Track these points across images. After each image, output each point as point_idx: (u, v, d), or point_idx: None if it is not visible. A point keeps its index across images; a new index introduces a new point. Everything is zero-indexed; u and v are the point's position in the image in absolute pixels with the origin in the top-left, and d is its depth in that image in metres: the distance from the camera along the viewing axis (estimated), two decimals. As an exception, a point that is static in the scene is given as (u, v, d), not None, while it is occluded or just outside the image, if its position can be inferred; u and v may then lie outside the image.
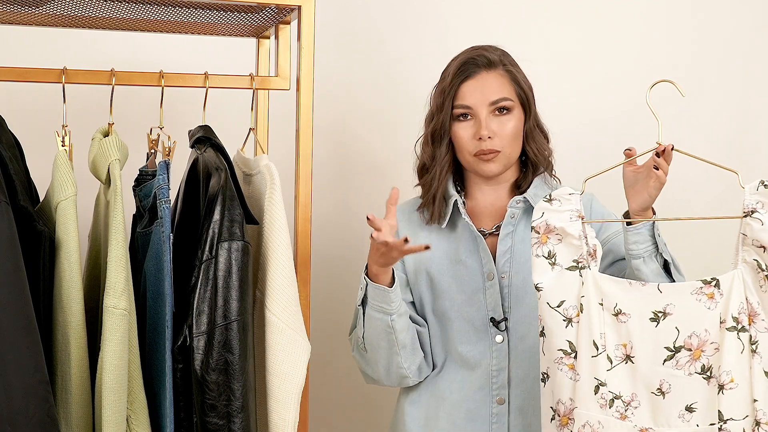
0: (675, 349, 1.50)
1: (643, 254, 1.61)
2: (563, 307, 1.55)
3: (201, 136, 1.69)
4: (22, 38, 2.11)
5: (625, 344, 1.52)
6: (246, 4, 1.72)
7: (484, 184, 1.81)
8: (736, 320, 1.47)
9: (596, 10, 2.68)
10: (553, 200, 1.59)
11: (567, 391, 1.54)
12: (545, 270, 1.56)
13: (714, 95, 2.73)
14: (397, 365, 1.75)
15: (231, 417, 1.52)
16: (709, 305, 1.49)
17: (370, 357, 1.76)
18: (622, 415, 1.52)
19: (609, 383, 1.52)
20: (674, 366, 1.49)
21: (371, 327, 1.71)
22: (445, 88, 1.77)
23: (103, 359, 1.49)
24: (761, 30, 2.77)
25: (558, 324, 1.55)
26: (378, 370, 1.78)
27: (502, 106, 1.74)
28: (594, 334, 1.52)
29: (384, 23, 2.55)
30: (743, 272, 1.49)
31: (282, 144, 2.02)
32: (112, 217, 1.54)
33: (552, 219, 1.57)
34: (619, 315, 1.52)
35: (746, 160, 2.75)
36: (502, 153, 1.75)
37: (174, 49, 2.27)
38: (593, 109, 2.66)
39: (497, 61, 1.77)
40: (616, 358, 1.53)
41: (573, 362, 1.54)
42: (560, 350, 1.54)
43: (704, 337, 1.48)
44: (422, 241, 1.79)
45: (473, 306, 1.76)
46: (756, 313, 1.48)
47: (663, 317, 1.50)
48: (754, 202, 1.50)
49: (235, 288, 1.54)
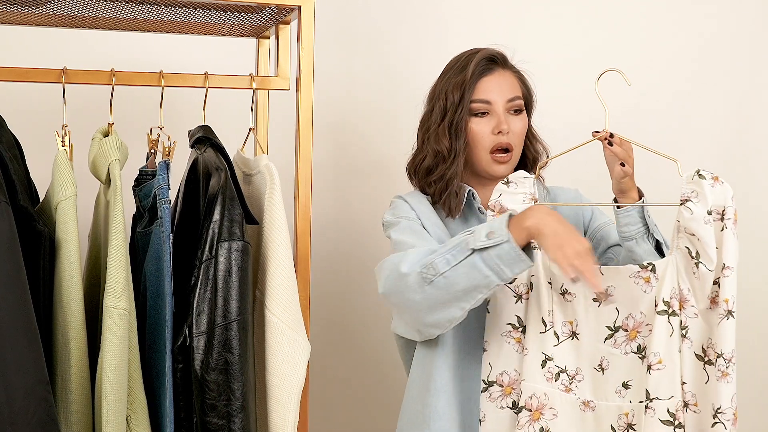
0: (614, 329, 1.57)
1: (635, 235, 1.64)
2: (514, 284, 1.62)
3: (201, 136, 1.69)
4: (22, 38, 2.11)
5: (571, 321, 1.60)
6: (246, 4, 1.72)
7: (488, 183, 1.81)
8: (667, 304, 1.53)
9: (596, 10, 2.68)
10: (510, 182, 1.67)
11: (513, 363, 1.62)
12: None
13: (714, 95, 2.74)
14: (451, 316, 1.57)
15: (231, 417, 1.52)
16: (645, 288, 1.55)
17: (432, 292, 1.54)
18: (567, 387, 1.59)
19: (555, 358, 1.59)
20: (613, 344, 1.57)
21: (468, 276, 1.51)
22: (465, 81, 1.74)
23: (103, 359, 1.49)
24: (762, 30, 2.77)
25: (508, 299, 1.62)
26: (428, 305, 1.56)
27: (517, 106, 1.78)
28: (543, 312, 1.59)
29: (384, 23, 2.55)
30: (677, 259, 1.55)
31: (282, 144, 2.02)
32: (112, 217, 1.54)
33: (506, 200, 1.65)
34: (565, 294, 1.60)
35: (747, 160, 2.75)
36: (514, 153, 1.78)
37: (174, 49, 2.27)
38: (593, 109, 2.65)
39: (509, 63, 1.82)
40: (563, 335, 1.60)
41: (520, 336, 1.61)
42: (509, 324, 1.61)
43: (640, 319, 1.56)
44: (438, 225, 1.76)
45: None
46: (686, 299, 1.54)
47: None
48: (689, 191, 1.55)
49: (235, 288, 1.54)
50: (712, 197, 1.52)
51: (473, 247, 1.50)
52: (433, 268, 1.53)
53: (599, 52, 2.66)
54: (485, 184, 1.82)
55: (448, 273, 1.52)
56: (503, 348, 1.62)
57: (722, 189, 1.53)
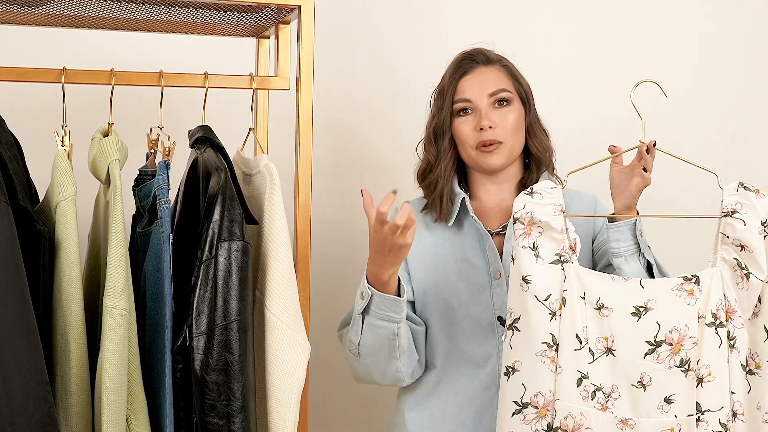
0: (656, 343, 1.54)
1: (624, 253, 1.62)
2: (549, 301, 1.56)
3: (201, 136, 1.69)
4: (22, 38, 2.11)
5: (606, 337, 1.55)
6: (246, 4, 1.72)
7: (489, 184, 1.81)
8: (715, 316, 1.52)
9: (596, 10, 2.68)
10: (534, 193, 1.60)
11: (548, 383, 1.55)
12: (531, 262, 1.57)
13: (715, 95, 2.73)
14: (395, 369, 1.75)
15: (231, 417, 1.52)
16: (688, 301, 1.54)
17: (365, 361, 1.75)
18: (603, 406, 1.55)
19: (591, 375, 1.54)
20: (655, 359, 1.54)
21: (373, 335, 1.70)
22: (444, 86, 1.79)
23: (103, 359, 1.49)
24: (762, 30, 2.77)
25: (543, 317, 1.56)
26: (372, 372, 1.77)
27: (501, 97, 1.76)
28: (577, 328, 1.55)
29: (384, 23, 2.55)
30: (722, 270, 1.55)
31: (282, 144, 2.02)
32: (112, 217, 1.54)
33: (536, 212, 1.58)
34: (601, 309, 1.55)
35: (747, 160, 2.75)
36: (504, 144, 1.75)
37: (174, 49, 2.27)
38: (593, 109, 2.66)
39: (494, 59, 1.81)
40: (598, 351, 1.55)
41: (554, 355, 1.56)
42: (544, 343, 1.55)
43: (684, 332, 1.53)
44: (427, 243, 1.79)
45: (480, 305, 1.76)
46: (733, 309, 1.54)
47: (644, 312, 1.54)
48: (734, 202, 1.55)
49: (234, 288, 1.54)
50: (762, 209, 1.53)
51: (359, 312, 1.68)
52: (351, 343, 1.73)
53: (599, 51, 2.66)
54: (487, 185, 1.82)
55: (362, 341, 1.71)
56: (538, 368, 1.55)
57: (765, 201, 1.55)
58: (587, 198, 1.84)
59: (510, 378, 1.58)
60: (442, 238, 1.80)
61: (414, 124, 1.87)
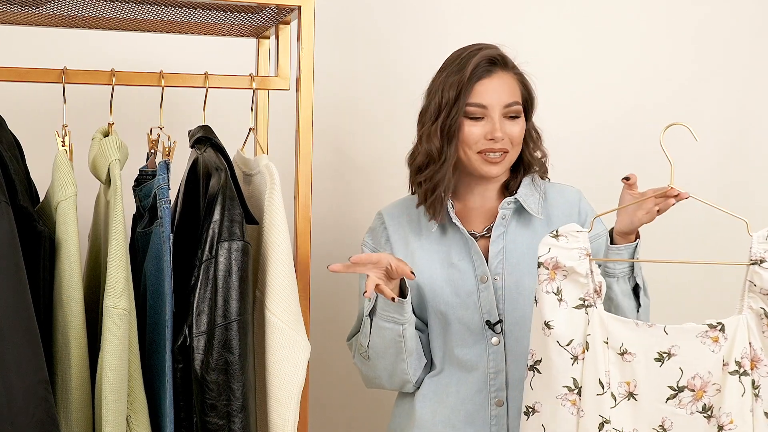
0: (678, 389, 1.53)
1: (618, 275, 1.63)
2: (571, 346, 1.54)
3: (201, 136, 1.69)
4: (22, 38, 2.11)
5: (629, 382, 1.54)
6: (246, 4, 1.72)
7: (475, 185, 1.80)
8: (739, 364, 1.51)
9: (596, 11, 2.68)
10: (559, 236, 1.56)
11: (568, 427, 1.54)
12: (554, 307, 1.55)
13: (714, 95, 2.73)
14: (403, 372, 1.76)
15: (231, 417, 1.52)
16: (713, 348, 1.52)
17: (374, 364, 1.77)
18: None
19: (612, 420, 1.53)
20: (677, 405, 1.52)
21: (380, 336, 1.72)
22: (462, 82, 1.72)
23: (103, 359, 1.49)
24: (762, 30, 2.77)
25: (565, 362, 1.54)
26: (381, 376, 1.78)
27: (514, 111, 1.74)
28: (599, 373, 1.53)
29: (384, 23, 2.55)
30: (748, 318, 1.52)
31: (282, 144, 2.02)
32: (112, 217, 1.54)
33: (561, 257, 1.55)
34: (624, 354, 1.54)
35: (747, 161, 2.75)
36: (509, 155, 1.74)
37: (174, 49, 2.27)
38: (594, 110, 2.66)
39: (511, 65, 1.77)
40: (620, 395, 1.54)
41: (575, 398, 1.54)
42: (565, 386, 1.54)
43: (707, 379, 1.52)
44: (414, 247, 1.79)
45: (468, 309, 1.75)
46: (759, 358, 1.52)
47: (668, 358, 1.53)
48: (762, 251, 1.52)
49: (235, 288, 1.54)
50: None
51: (366, 314, 1.72)
52: (361, 346, 1.76)
53: (599, 52, 2.66)
54: (473, 186, 1.80)
55: (371, 343, 1.74)
56: (558, 411, 1.54)
57: None
58: (570, 194, 1.82)
59: (530, 418, 1.57)
60: (428, 244, 1.79)
61: (413, 124, 1.87)
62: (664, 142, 1.58)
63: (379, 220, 1.86)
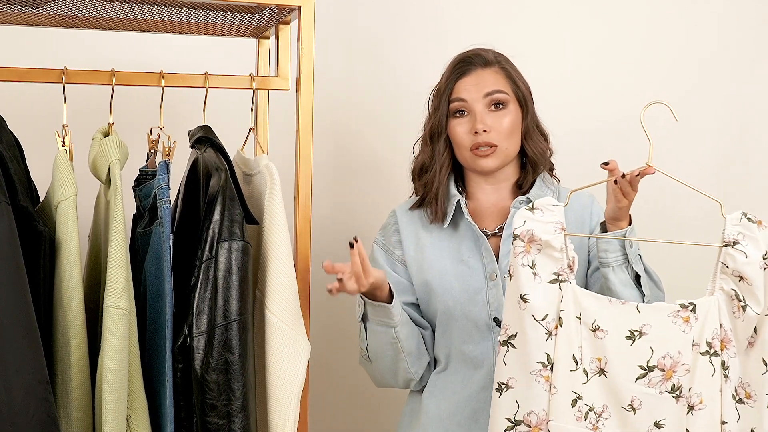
0: (648, 368, 1.53)
1: (612, 263, 1.62)
2: (546, 321, 1.54)
3: (201, 136, 1.69)
4: (22, 38, 2.11)
5: (600, 358, 1.54)
6: (246, 4, 1.72)
7: (486, 184, 1.82)
8: (710, 345, 1.52)
9: (597, 12, 2.68)
10: (535, 209, 1.56)
11: (541, 402, 1.53)
12: (530, 280, 1.55)
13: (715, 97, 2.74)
14: (405, 370, 1.78)
15: (231, 417, 1.52)
16: (683, 328, 1.53)
17: (376, 365, 1.80)
18: (594, 425, 1.54)
19: (584, 396, 1.53)
20: (646, 384, 1.53)
21: (375, 340, 1.75)
22: (441, 87, 1.80)
23: (103, 359, 1.49)
24: (762, 31, 2.77)
25: (540, 336, 1.54)
26: (385, 375, 1.81)
27: (497, 99, 1.76)
28: (573, 348, 1.53)
29: (384, 23, 2.55)
30: (719, 299, 1.54)
31: (282, 144, 2.02)
32: (112, 217, 1.54)
33: (537, 230, 1.55)
34: (596, 331, 1.54)
35: (747, 161, 2.75)
36: (499, 148, 1.75)
37: (174, 49, 2.27)
38: (594, 112, 2.66)
39: (492, 60, 1.80)
40: (591, 371, 1.55)
41: (548, 374, 1.54)
42: (539, 362, 1.53)
43: (677, 359, 1.53)
44: (425, 242, 1.80)
45: (476, 306, 1.76)
46: (729, 339, 1.54)
47: (639, 336, 1.53)
48: (735, 233, 1.53)
49: (235, 288, 1.54)
50: (763, 241, 1.52)
51: (359, 320, 1.76)
52: (361, 349, 1.80)
53: (600, 53, 2.66)
54: (483, 185, 1.82)
55: (368, 346, 1.77)
56: (533, 387, 1.53)
57: (767, 233, 1.53)
58: (583, 197, 1.83)
59: (503, 394, 1.56)
60: (438, 240, 1.81)
61: (414, 125, 1.87)
62: (644, 120, 1.59)
63: (392, 217, 1.89)
